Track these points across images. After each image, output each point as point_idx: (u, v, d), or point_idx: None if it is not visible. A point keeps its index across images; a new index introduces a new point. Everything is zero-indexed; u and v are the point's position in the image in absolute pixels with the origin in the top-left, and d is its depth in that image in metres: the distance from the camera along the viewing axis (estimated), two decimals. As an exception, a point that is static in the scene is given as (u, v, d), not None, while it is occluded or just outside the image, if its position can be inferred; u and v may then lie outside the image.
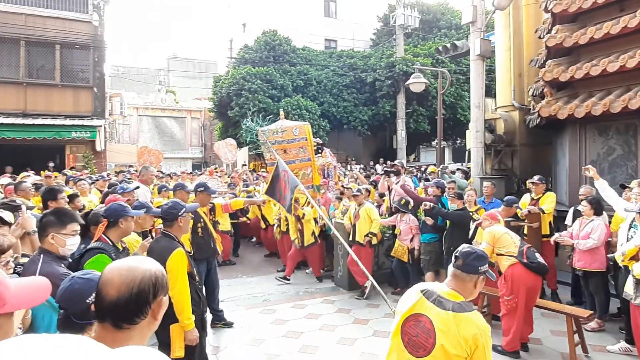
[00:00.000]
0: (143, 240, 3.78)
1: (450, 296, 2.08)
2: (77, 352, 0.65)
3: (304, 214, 6.92)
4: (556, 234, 5.35)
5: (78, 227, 2.61)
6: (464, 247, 2.21)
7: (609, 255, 4.79)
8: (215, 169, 15.21)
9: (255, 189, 10.01)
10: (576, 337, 4.41)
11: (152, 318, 1.26)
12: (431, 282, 2.27)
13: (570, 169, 7.19)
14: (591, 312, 4.65)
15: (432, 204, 5.97)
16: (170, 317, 3.04)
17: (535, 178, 6.51)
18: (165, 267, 3.00)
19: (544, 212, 6.14)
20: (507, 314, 4.43)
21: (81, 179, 7.30)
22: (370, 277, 5.16)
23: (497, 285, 4.69)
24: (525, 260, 4.29)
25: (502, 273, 4.49)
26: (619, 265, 4.37)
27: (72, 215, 2.67)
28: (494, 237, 4.47)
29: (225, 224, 8.32)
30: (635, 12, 5.94)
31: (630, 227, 4.27)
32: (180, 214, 3.28)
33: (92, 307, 1.63)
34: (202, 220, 5.17)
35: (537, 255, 4.48)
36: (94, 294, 1.63)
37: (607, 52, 6.48)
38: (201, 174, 13.09)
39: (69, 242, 2.52)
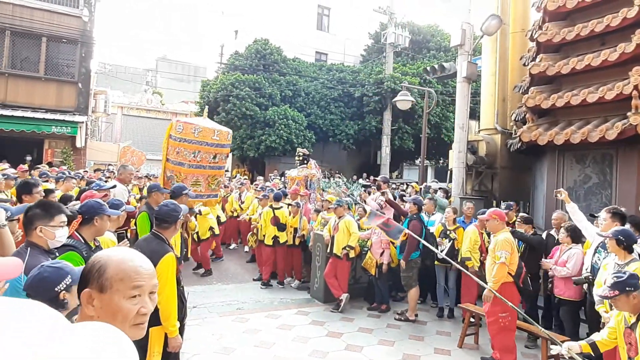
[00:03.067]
0: (118, 240, 3.69)
1: None
2: (38, 319, 0.61)
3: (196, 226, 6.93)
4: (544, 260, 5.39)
5: (65, 219, 2.58)
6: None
7: (574, 279, 4.80)
8: None
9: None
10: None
11: None
12: None
13: (547, 194, 7.33)
14: (567, 338, 4.67)
15: (513, 229, 5.67)
16: (151, 320, 2.94)
17: (502, 206, 6.81)
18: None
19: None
20: (502, 331, 4.49)
21: (71, 177, 7.12)
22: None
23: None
24: (521, 285, 4.49)
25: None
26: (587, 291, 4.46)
27: (59, 206, 2.64)
28: (511, 245, 4.52)
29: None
30: (615, 47, 6.16)
31: (595, 252, 4.37)
32: (180, 217, 3.18)
33: (62, 295, 1.60)
34: None
35: (528, 281, 4.71)
36: (63, 283, 1.60)
37: (588, 83, 6.69)
38: (158, 177, 12.75)
39: (58, 234, 2.49)
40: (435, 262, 6.46)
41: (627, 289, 2.68)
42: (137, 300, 1.20)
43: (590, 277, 4.30)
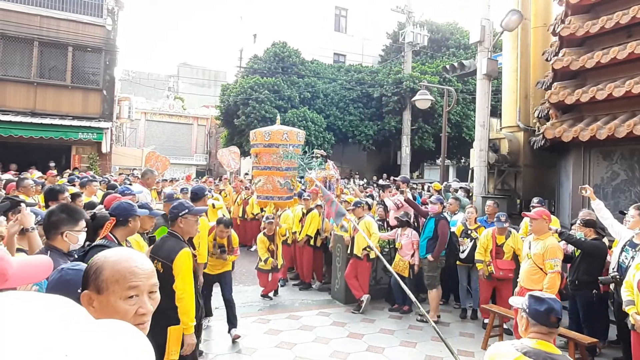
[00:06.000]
0: (146, 241, 3.77)
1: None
2: (65, 316, 0.64)
3: (286, 231, 6.85)
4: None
5: (84, 223, 2.63)
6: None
7: (600, 278, 4.63)
8: (220, 178, 15.23)
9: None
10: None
11: None
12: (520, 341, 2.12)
13: (573, 192, 7.14)
14: (595, 339, 4.50)
15: (560, 230, 5.18)
16: (169, 318, 3.01)
17: (535, 200, 6.52)
18: (172, 267, 3.00)
19: None
20: None
21: (94, 180, 7.33)
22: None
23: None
24: (564, 292, 4.34)
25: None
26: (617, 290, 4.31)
27: (81, 211, 2.71)
28: (561, 251, 4.38)
29: None
30: (642, 39, 5.97)
31: (622, 250, 4.23)
32: (180, 214, 3.25)
33: None
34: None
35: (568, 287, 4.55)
36: None
37: (614, 77, 6.49)
38: (178, 180, 12.94)
39: (80, 238, 2.55)
40: (457, 263, 6.38)
41: (523, 306, 2.20)
42: (135, 301, 1.19)
43: (618, 277, 4.17)
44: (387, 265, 3.95)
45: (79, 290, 1.63)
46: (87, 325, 0.64)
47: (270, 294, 6.88)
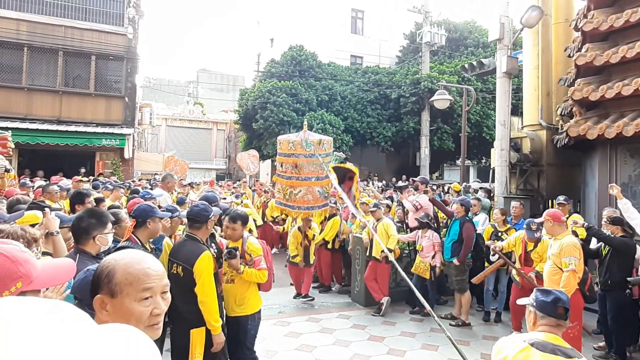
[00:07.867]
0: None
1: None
2: (67, 321, 0.64)
3: (314, 235, 6.61)
4: None
5: (112, 225, 2.70)
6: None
7: (629, 279, 4.43)
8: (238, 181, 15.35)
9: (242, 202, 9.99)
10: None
11: None
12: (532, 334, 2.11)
13: (599, 191, 6.94)
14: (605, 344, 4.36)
15: (588, 224, 5.06)
16: (191, 321, 3.03)
17: (561, 198, 6.32)
18: (193, 271, 3.02)
19: (577, 235, 5.80)
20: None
21: (120, 186, 7.51)
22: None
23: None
24: (587, 293, 4.25)
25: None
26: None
27: (107, 214, 2.79)
28: (579, 250, 4.19)
29: None
30: (670, 32, 5.77)
31: None
32: (210, 216, 3.26)
33: None
34: None
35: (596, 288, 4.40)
36: None
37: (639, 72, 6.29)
38: (199, 184, 13.14)
39: (110, 239, 2.62)
40: (486, 265, 6.25)
41: (530, 301, 2.22)
42: (149, 302, 1.20)
43: (649, 278, 4.02)
44: (401, 272, 3.86)
45: None
46: (88, 328, 0.64)
47: (307, 297, 6.80)
